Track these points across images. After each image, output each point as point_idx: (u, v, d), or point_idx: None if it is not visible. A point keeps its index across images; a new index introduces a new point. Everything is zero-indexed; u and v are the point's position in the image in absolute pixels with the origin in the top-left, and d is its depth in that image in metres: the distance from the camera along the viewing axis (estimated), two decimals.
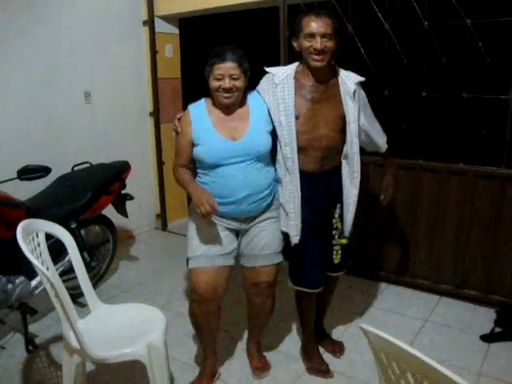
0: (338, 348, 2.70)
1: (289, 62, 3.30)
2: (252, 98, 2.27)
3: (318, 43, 2.10)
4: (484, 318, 3.00)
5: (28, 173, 2.43)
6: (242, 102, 2.23)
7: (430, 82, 3.07)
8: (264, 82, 2.30)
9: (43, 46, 3.58)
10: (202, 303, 2.26)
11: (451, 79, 2.96)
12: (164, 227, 4.76)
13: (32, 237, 2.05)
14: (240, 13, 4.13)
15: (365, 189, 3.32)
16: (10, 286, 2.63)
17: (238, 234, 2.31)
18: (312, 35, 2.11)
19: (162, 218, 4.74)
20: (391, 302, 3.24)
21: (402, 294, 3.37)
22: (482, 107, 3.09)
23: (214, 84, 2.11)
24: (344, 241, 2.45)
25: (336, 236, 2.43)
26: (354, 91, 2.24)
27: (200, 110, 2.22)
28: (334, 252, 2.46)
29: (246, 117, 2.21)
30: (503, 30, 2.76)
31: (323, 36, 2.10)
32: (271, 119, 2.24)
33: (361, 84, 2.32)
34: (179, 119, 2.24)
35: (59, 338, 2.84)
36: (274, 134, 2.25)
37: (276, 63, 3.27)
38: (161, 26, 4.37)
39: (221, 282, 2.26)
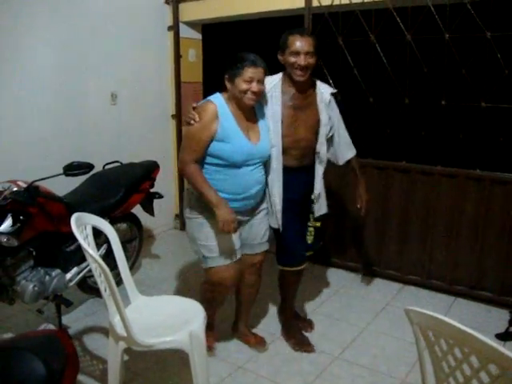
0: (307, 324, 3.01)
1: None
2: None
3: (302, 60, 2.39)
4: (498, 318, 3.12)
5: (73, 169, 2.55)
6: None
7: (450, 91, 3.20)
8: None
9: (73, 47, 3.71)
10: (224, 292, 2.58)
11: (470, 89, 3.09)
12: (182, 227, 4.87)
13: (82, 229, 2.16)
14: (262, 20, 4.28)
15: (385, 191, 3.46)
16: (47, 277, 2.75)
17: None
18: (297, 53, 2.39)
19: (181, 219, 4.86)
20: (408, 302, 3.35)
21: (419, 294, 3.50)
22: (499, 116, 3.21)
23: (242, 86, 2.23)
24: (318, 224, 2.76)
25: (311, 219, 2.74)
26: (329, 100, 2.59)
27: (223, 105, 2.30)
28: (308, 233, 2.77)
29: (254, 120, 2.42)
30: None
31: (306, 54, 2.39)
32: None
33: (334, 95, 2.64)
34: (195, 109, 2.30)
35: (90, 329, 3.00)
36: None
37: None
38: (185, 32, 4.51)
39: (239, 272, 2.54)
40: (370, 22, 3.33)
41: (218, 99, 2.31)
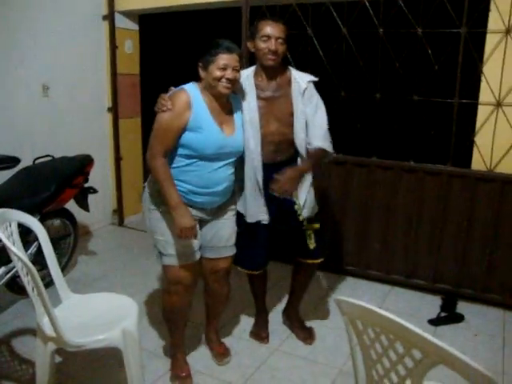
0: (308, 335, 2.85)
1: (250, 61, 3.41)
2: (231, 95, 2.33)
3: (272, 45, 2.30)
4: (431, 304, 3.24)
5: None
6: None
7: (384, 85, 3.28)
8: None
9: (1, 35, 3.52)
10: (184, 295, 2.34)
11: (403, 83, 3.18)
12: (121, 222, 4.75)
13: (6, 226, 2.04)
14: (201, 11, 4.22)
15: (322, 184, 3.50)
16: None
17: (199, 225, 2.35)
18: (268, 37, 2.31)
19: (119, 214, 4.73)
20: (346, 293, 3.40)
21: (356, 284, 3.56)
22: (431, 109, 3.32)
23: (216, 74, 2.10)
24: (315, 225, 2.62)
25: (303, 221, 2.56)
26: (305, 89, 2.43)
27: (196, 93, 2.17)
28: (307, 237, 2.60)
29: (230, 112, 2.30)
30: (450, 41, 3.00)
31: (277, 39, 2.31)
32: None
33: (314, 84, 2.49)
34: (170, 97, 2.14)
35: (19, 332, 2.86)
36: None
37: None
38: (121, 22, 4.36)
39: (197, 274, 2.39)
40: (307, 15, 3.35)
41: (191, 88, 2.18)
